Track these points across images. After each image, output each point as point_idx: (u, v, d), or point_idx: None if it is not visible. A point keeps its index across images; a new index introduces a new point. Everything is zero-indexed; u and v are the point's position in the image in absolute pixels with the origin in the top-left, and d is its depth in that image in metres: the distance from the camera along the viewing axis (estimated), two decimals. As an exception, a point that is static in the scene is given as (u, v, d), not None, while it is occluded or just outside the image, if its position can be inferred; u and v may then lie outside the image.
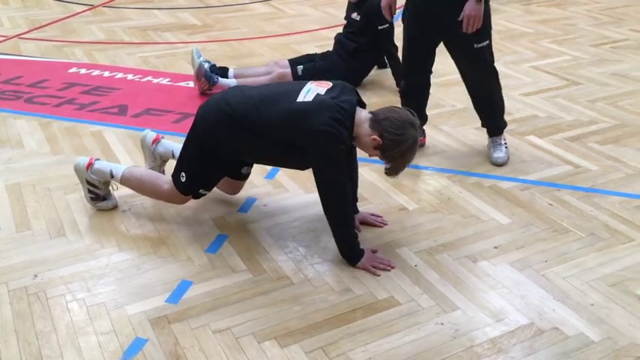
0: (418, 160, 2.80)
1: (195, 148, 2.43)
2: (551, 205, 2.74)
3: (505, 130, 3.13)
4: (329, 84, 2.32)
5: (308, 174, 2.90)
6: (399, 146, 2.20)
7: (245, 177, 2.65)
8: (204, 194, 2.55)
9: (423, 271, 2.31)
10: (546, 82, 4.10)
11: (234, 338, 2.00)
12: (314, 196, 2.79)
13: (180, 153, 2.52)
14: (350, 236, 2.32)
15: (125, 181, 2.60)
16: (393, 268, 2.31)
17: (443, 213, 2.69)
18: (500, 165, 3.01)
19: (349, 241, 2.32)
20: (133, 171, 2.62)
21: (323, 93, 2.26)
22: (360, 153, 2.44)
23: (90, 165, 2.60)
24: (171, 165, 2.84)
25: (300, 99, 2.26)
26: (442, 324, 2.07)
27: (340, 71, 3.86)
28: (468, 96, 3.11)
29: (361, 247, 2.34)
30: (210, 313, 2.11)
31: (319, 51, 4.20)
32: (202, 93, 3.86)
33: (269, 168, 2.94)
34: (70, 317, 2.09)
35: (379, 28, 3.81)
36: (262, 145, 2.32)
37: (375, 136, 2.20)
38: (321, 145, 2.18)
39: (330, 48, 4.11)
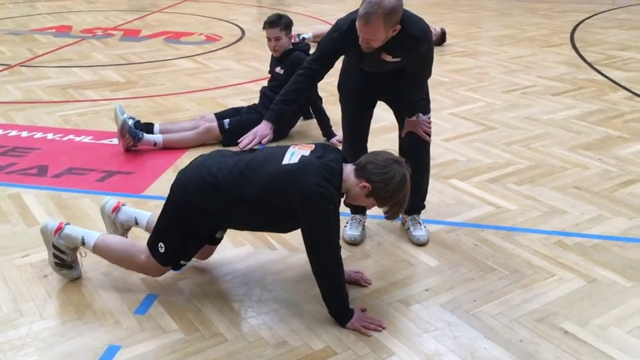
0: (346, 208, 2.84)
1: (173, 219, 2.34)
2: (476, 245, 2.83)
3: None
4: (311, 146, 2.31)
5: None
6: (389, 184, 2.18)
7: (218, 241, 2.55)
8: (184, 265, 2.45)
9: (357, 319, 2.32)
10: (464, 128, 4.30)
11: (166, 403, 1.93)
12: (245, 249, 2.78)
13: (157, 223, 2.41)
14: (341, 296, 2.27)
15: (98, 249, 2.45)
16: (384, 328, 2.26)
17: (374, 259, 2.73)
18: (423, 244, 2.81)
19: (340, 302, 2.27)
20: (107, 239, 2.48)
21: (307, 154, 2.25)
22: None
23: (59, 229, 2.45)
24: (137, 233, 2.76)
25: (285, 162, 2.23)
26: (379, 371, 2.07)
27: (267, 123, 3.91)
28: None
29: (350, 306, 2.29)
30: (140, 378, 2.02)
31: (245, 104, 4.25)
32: (127, 149, 3.81)
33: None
34: (-13, 394, 1.95)
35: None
36: (250, 212, 2.25)
37: (363, 183, 2.20)
38: (311, 205, 2.14)
39: (256, 101, 4.17)
